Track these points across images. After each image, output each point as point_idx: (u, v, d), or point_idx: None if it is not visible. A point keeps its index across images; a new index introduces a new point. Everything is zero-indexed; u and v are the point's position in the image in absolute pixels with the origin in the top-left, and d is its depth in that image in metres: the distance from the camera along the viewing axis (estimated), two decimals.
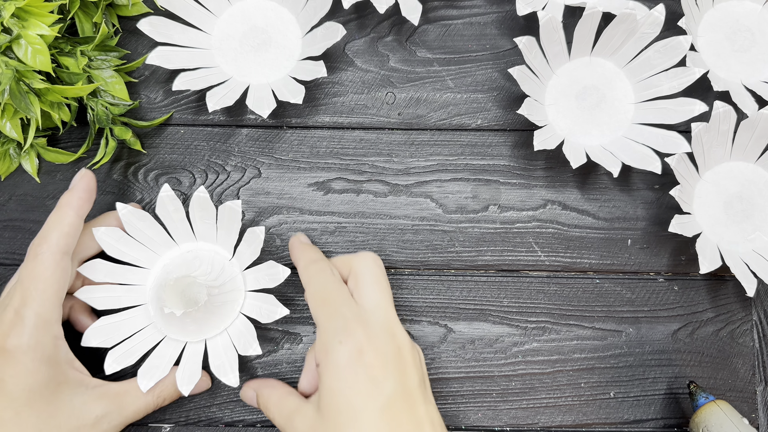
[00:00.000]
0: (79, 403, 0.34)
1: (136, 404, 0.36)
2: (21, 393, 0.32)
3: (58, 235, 0.34)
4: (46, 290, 0.33)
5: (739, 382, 0.42)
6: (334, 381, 0.33)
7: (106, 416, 0.35)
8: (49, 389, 0.33)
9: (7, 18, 0.37)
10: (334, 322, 0.34)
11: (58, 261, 0.34)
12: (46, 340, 0.33)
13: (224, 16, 0.44)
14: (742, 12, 0.45)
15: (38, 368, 0.33)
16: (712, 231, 0.43)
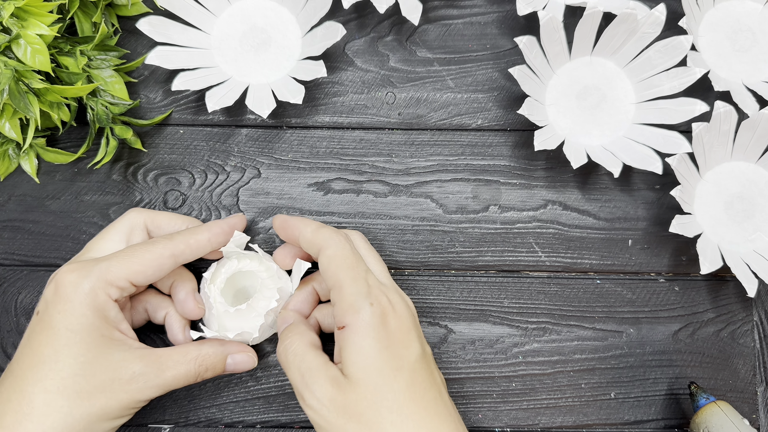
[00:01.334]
0: (118, 358, 0.34)
1: (177, 369, 0.35)
2: (64, 332, 0.33)
3: (182, 241, 0.36)
4: (134, 263, 0.34)
5: (739, 383, 0.42)
6: (366, 341, 0.33)
7: (142, 375, 0.34)
8: (91, 337, 0.33)
9: (7, 18, 0.37)
10: (360, 286, 0.34)
11: (165, 255, 0.35)
12: (100, 294, 0.33)
13: (224, 16, 0.44)
14: (743, 12, 0.45)
15: (85, 313, 0.33)
16: (713, 231, 0.42)
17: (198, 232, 0.37)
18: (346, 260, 0.35)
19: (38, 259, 0.42)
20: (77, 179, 0.43)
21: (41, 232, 0.43)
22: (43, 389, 0.32)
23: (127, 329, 0.36)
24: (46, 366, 0.32)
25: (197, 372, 0.36)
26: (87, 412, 0.33)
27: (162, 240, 0.36)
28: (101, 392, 0.33)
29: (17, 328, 0.42)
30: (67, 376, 0.32)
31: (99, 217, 0.43)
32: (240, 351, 0.38)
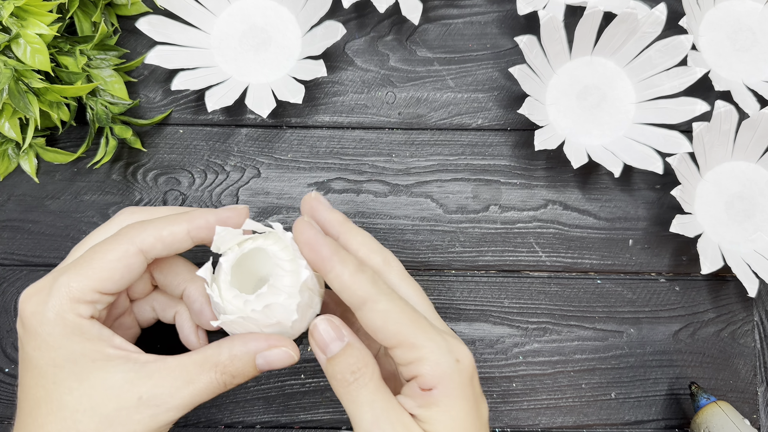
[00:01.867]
0: (119, 381, 0.28)
1: (195, 383, 0.29)
2: (47, 368, 0.28)
3: (152, 233, 0.30)
4: (96, 270, 0.29)
5: (740, 383, 0.42)
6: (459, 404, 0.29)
7: (153, 398, 0.28)
8: (79, 366, 0.28)
9: (6, 17, 0.36)
10: (437, 340, 0.29)
11: (131, 254, 0.29)
12: (68, 317, 0.28)
13: (223, 16, 0.44)
14: (743, 11, 0.45)
15: (60, 344, 0.28)
16: (714, 231, 0.42)
17: (175, 222, 0.30)
18: (404, 314, 0.29)
19: (38, 259, 0.42)
20: (77, 179, 0.43)
21: (41, 232, 0.43)
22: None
23: (122, 343, 0.30)
24: (42, 410, 0.28)
25: (222, 381, 0.30)
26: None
27: (127, 233, 0.30)
28: (108, 426, 0.28)
29: (16, 328, 0.42)
30: (68, 416, 0.28)
31: (98, 217, 0.43)
32: (272, 346, 0.30)
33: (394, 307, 0.29)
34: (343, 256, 0.29)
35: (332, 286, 0.29)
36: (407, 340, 0.28)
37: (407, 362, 0.29)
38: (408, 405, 0.29)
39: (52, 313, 0.28)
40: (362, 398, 0.29)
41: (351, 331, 0.30)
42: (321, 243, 0.29)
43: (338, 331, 0.30)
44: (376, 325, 0.29)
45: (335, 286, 0.29)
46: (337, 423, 0.41)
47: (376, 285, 0.29)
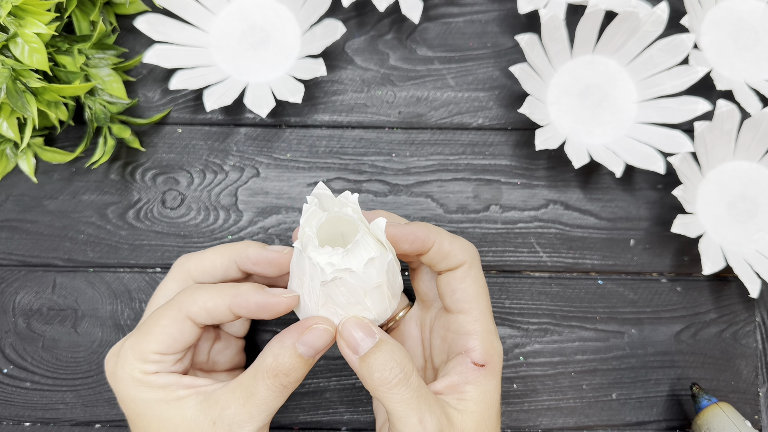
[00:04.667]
0: (194, 413, 0.30)
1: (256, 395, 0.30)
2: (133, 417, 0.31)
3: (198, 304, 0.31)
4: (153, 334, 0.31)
5: (742, 384, 0.42)
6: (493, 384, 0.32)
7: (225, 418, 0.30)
8: (158, 409, 0.30)
9: (4, 16, 0.36)
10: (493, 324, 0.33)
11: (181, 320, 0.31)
12: (136, 374, 0.31)
13: (222, 14, 0.44)
14: (745, 10, 0.45)
15: (135, 395, 0.31)
16: (716, 231, 0.42)
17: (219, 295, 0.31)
18: (485, 288, 0.33)
19: (36, 259, 0.42)
20: (75, 179, 0.43)
21: (39, 232, 0.42)
22: None
23: (191, 382, 0.32)
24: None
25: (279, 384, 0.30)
26: None
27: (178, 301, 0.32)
28: None
29: (15, 329, 0.42)
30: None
31: (97, 216, 0.43)
32: (304, 329, 0.30)
33: (482, 277, 0.33)
34: (436, 230, 0.33)
35: (433, 258, 0.32)
36: (479, 311, 0.32)
37: (466, 331, 0.32)
38: (452, 381, 0.31)
39: (122, 373, 0.31)
40: (407, 396, 0.29)
41: (380, 329, 0.31)
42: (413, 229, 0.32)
43: (367, 329, 0.30)
44: (462, 287, 0.32)
45: (437, 257, 0.32)
46: (336, 424, 0.41)
47: (472, 251, 0.33)
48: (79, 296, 0.42)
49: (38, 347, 0.42)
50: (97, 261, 0.42)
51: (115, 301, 0.42)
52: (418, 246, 0.32)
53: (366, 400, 0.41)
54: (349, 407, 0.41)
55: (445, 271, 0.33)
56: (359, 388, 0.41)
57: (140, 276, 0.42)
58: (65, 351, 0.41)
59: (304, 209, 0.30)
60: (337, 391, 0.41)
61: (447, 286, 0.33)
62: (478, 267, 0.33)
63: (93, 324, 0.42)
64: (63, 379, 0.41)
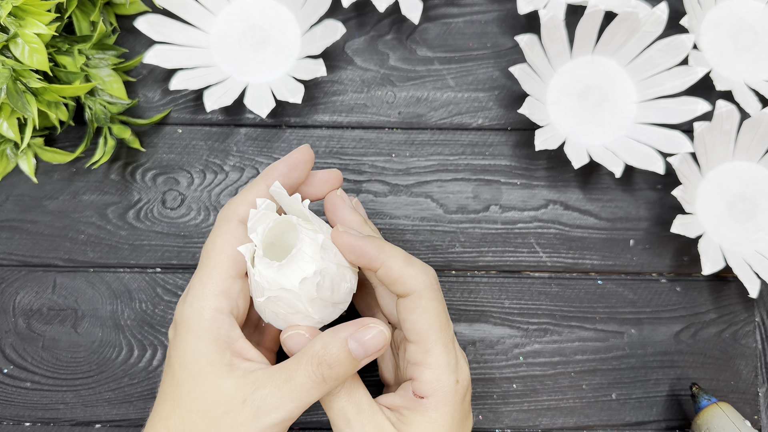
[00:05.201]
0: (229, 387, 0.29)
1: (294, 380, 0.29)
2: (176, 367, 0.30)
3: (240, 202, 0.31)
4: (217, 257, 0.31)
5: (741, 384, 0.42)
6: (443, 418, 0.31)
7: (256, 400, 0.29)
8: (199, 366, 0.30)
9: (4, 17, 0.36)
10: (449, 357, 0.31)
11: (234, 227, 0.31)
12: (205, 312, 0.30)
13: (222, 15, 0.44)
14: (745, 10, 0.45)
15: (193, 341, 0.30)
16: (715, 231, 0.42)
17: (255, 186, 0.32)
18: (439, 319, 0.31)
19: (36, 259, 0.42)
20: (75, 179, 0.43)
21: (39, 232, 0.42)
22: (166, 428, 0.30)
23: (242, 350, 0.31)
24: (167, 404, 0.30)
25: (320, 374, 0.29)
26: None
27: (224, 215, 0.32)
28: (216, 429, 0.29)
29: (15, 329, 0.42)
30: (184, 414, 0.30)
31: (97, 217, 0.43)
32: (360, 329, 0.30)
33: (433, 308, 0.31)
34: (390, 250, 0.31)
35: (383, 281, 0.31)
36: (427, 343, 0.30)
37: (415, 362, 0.31)
38: (395, 402, 0.32)
39: (192, 311, 0.30)
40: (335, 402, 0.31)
41: None
42: (364, 244, 0.31)
43: None
44: (411, 318, 0.31)
45: (386, 280, 0.31)
46: None
47: (426, 283, 0.31)
48: (80, 296, 0.42)
49: (38, 347, 0.42)
50: (97, 261, 0.42)
51: (116, 301, 0.42)
52: (365, 263, 0.31)
53: None
54: None
55: (398, 297, 0.31)
56: None
57: (140, 276, 0.42)
58: (65, 351, 0.42)
59: (251, 214, 0.31)
60: None
61: (399, 313, 0.31)
62: (430, 296, 0.31)
63: (93, 324, 0.42)
64: (63, 379, 0.41)
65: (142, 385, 0.41)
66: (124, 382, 0.41)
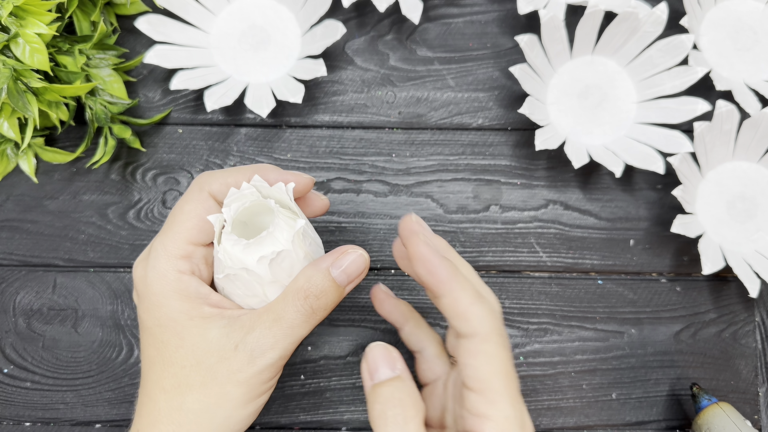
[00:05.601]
0: (216, 336, 0.29)
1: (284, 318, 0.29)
2: (155, 329, 0.30)
3: (221, 179, 0.31)
4: (180, 223, 0.30)
5: (741, 384, 0.42)
6: None
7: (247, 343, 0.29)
8: (180, 324, 0.29)
9: (5, 17, 0.36)
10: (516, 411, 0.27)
11: (204, 199, 0.31)
12: (169, 274, 0.30)
13: (223, 15, 0.44)
14: (744, 11, 0.45)
15: (164, 302, 0.30)
16: (715, 231, 0.42)
17: (240, 172, 0.31)
18: (505, 367, 0.27)
19: (36, 259, 0.42)
20: (75, 179, 0.43)
21: (39, 232, 0.42)
22: (161, 389, 0.30)
23: (219, 301, 0.31)
24: (157, 367, 0.30)
25: (308, 306, 0.29)
26: (210, 403, 0.29)
27: (197, 182, 0.32)
28: (215, 379, 0.29)
29: (15, 328, 0.42)
30: (177, 371, 0.29)
31: (97, 216, 0.43)
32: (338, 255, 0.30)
33: (499, 354, 0.27)
34: (462, 281, 0.28)
35: (445, 312, 0.28)
36: (492, 393, 0.27)
37: (477, 413, 0.27)
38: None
39: (154, 273, 0.30)
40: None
41: (405, 367, 0.29)
42: (438, 263, 0.28)
43: (391, 360, 0.29)
44: (474, 364, 0.27)
45: (448, 312, 0.28)
46: (337, 424, 0.41)
47: (492, 321, 0.27)
48: (80, 296, 0.42)
49: (38, 347, 0.42)
50: (97, 261, 0.42)
51: (116, 301, 0.42)
52: (432, 283, 0.28)
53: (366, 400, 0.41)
54: (350, 407, 0.41)
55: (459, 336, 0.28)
56: (359, 388, 0.41)
57: None
58: (65, 351, 0.42)
59: (231, 191, 0.31)
60: (338, 390, 0.41)
61: (459, 355, 0.28)
62: (496, 341, 0.27)
63: (93, 324, 0.42)
64: (63, 379, 0.41)
65: None
66: (125, 382, 0.41)
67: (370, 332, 0.42)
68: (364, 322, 0.42)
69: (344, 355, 0.42)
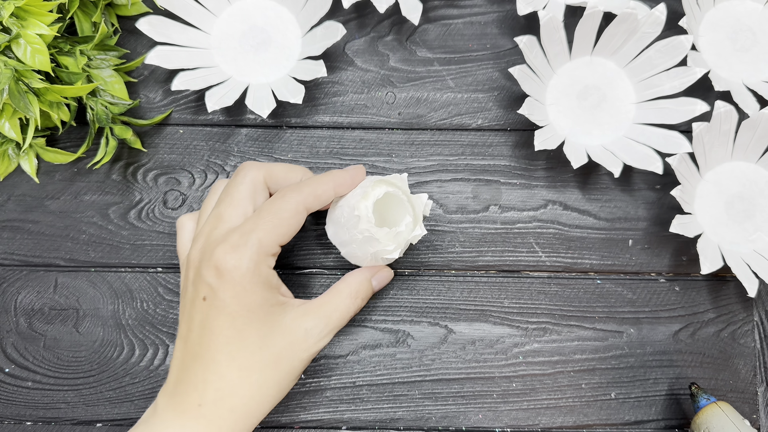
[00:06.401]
0: (289, 320, 0.35)
1: (339, 310, 0.37)
2: (242, 312, 0.34)
3: (310, 192, 0.36)
4: (279, 226, 0.35)
5: (740, 383, 0.42)
6: None
7: (313, 328, 0.35)
8: (264, 310, 0.34)
9: (7, 17, 0.36)
10: None
11: (300, 210, 0.36)
12: (262, 268, 0.34)
13: (223, 16, 0.44)
14: (743, 11, 0.45)
15: (254, 289, 0.34)
16: (714, 231, 0.42)
17: (323, 182, 0.37)
18: None
19: (38, 259, 0.42)
20: (77, 179, 0.43)
21: (41, 232, 0.43)
22: (237, 367, 0.34)
23: (285, 290, 0.37)
24: (233, 346, 0.34)
25: (357, 306, 0.38)
26: (277, 379, 0.35)
27: (292, 194, 0.36)
28: (284, 358, 0.35)
29: (17, 328, 0.42)
30: (256, 350, 0.34)
31: (98, 216, 0.43)
32: (378, 271, 0.39)
33: None
34: None
35: None
36: None
37: None
38: None
39: (251, 265, 0.34)
40: None
41: None
42: None
43: None
44: None
45: None
46: (337, 423, 0.41)
47: None
48: (81, 296, 0.42)
49: (40, 347, 0.42)
50: (98, 261, 0.42)
51: (117, 300, 0.42)
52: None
53: (366, 399, 0.41)
54: (350, 406, 0.41)
55: None
56: (359, 387, 0.41)
57: (142, 276, 0.42)
58: (67, 350, 0.42)
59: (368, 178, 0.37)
60: (338, 389, 0.41)
61: None
62: None
63: (94, 324, 0.42)
64: (64, 378, 0.41)
65: (143, 384, 0.41)
66: (126, 382, 0.41)
67: (371, 332, 0.42)
68: (364, 322, 0.42)
69: (344, 355, 0.42)
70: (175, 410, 0.34)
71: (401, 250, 0.37)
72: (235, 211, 0.36)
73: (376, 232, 0.36)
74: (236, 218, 0.35)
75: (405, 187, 0.38)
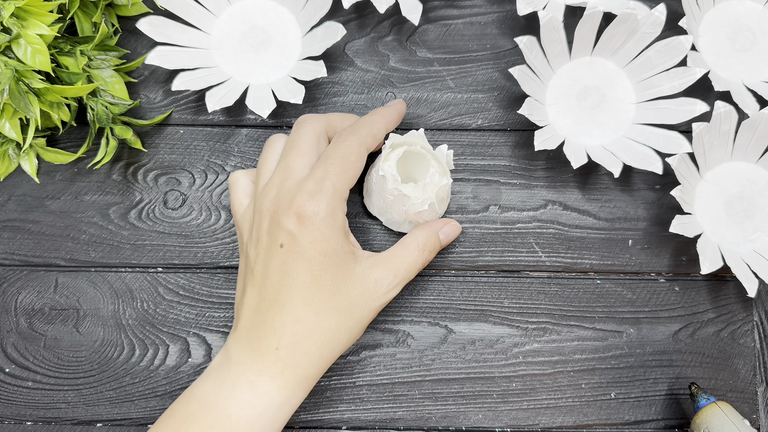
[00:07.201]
0: (360, 270, 0.36)
1: (407, 263, 0.37)
2: (319, 257, 0.35)
3: (367, 133, 0.37)
4: (348, 170, 0.36)
5: (740, 383, 0.42)
6: None
7: (382, 279, 0.36)
8: (339, 257, 0.35)
9: (7, 18, 0.37)
10: None
11: (362, 152, 0.37)
12: (338, 214, 0.36)
13: (224, 16, 0.44)
14: (743, 11, 0.45)
15: (331, 235, 0.35)
16: (713, 231, 0.42)
17: (375, 121, 0.38)
18: None
19: (38, 259, 0.42)
20: (77, 179, 0.43)
21: (41, 232, 0.43)
22: (313, 312, 0.35)
23: (354, 240, 0.38)
24: (309, 291, 0.35)
25: (424, 259, 0.38)
26: (350, 326, 0.36)
27: (352, 137, 0.37)
28: (357, 305, 0.36)
29: (17, 328, 0.42)
30: (330, 296, 0.35)
31: (99, 217, 0.43)
32: (446, 224, 0.40)
33: None
34: None
35: None
36: None
37: None
38: None
39: (329, 210, 0.35)
40: None
41: None
42: None
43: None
44: None
45: None
46: (337, 423, 0.41)
47: None
48: (81, 296, 0.42)
49: (40, 347, 0.42)
50: (99, 261, 0.43)
51: (117, 300, 0.42)
52: None
53: (366, 399, 0.41)
54: (350, 406, 0.41)
55: None
56: (359, 387, 0.42)
57: (142, 276, 0.42)
58: (67, 350, 0.42)
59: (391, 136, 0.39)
60: (338, 389, 0.42)
61: None
62: None
63: (95, 323, 0.42)
64: (65, 378, 0.41)
65: (143, 384, 0.41)
66: (126, 382, 0.41)
67: (371, 332, 0.42)
68: None
69: (345, 355, 0.42)
70: (252, 354, 0.34)
71: (437, 205, 0.39)
72: (302, 161, 0.36)
73: (404, 188, 0.37)
74: (304, 168, 0.36)
75: (424, 142, 0.39)
